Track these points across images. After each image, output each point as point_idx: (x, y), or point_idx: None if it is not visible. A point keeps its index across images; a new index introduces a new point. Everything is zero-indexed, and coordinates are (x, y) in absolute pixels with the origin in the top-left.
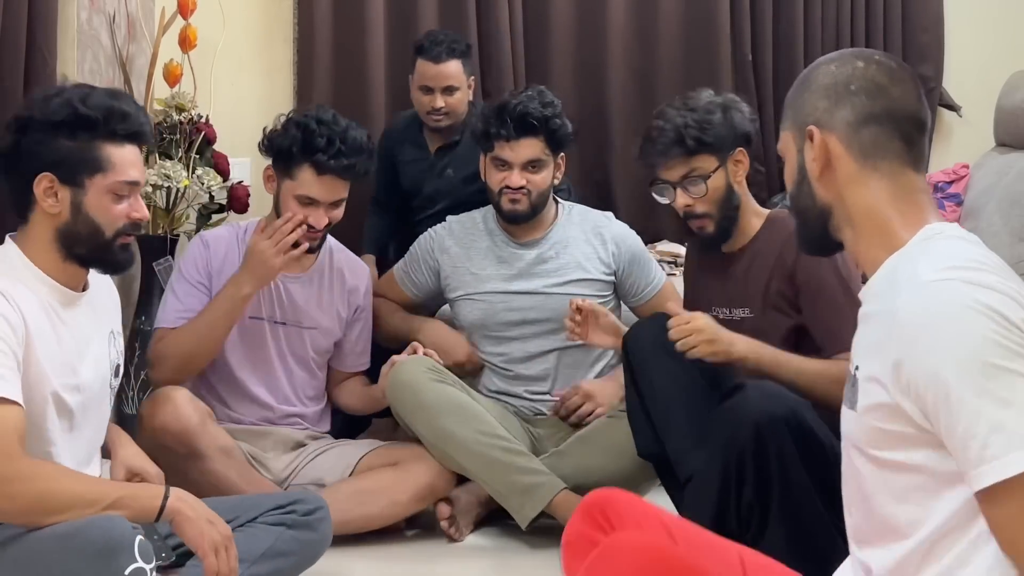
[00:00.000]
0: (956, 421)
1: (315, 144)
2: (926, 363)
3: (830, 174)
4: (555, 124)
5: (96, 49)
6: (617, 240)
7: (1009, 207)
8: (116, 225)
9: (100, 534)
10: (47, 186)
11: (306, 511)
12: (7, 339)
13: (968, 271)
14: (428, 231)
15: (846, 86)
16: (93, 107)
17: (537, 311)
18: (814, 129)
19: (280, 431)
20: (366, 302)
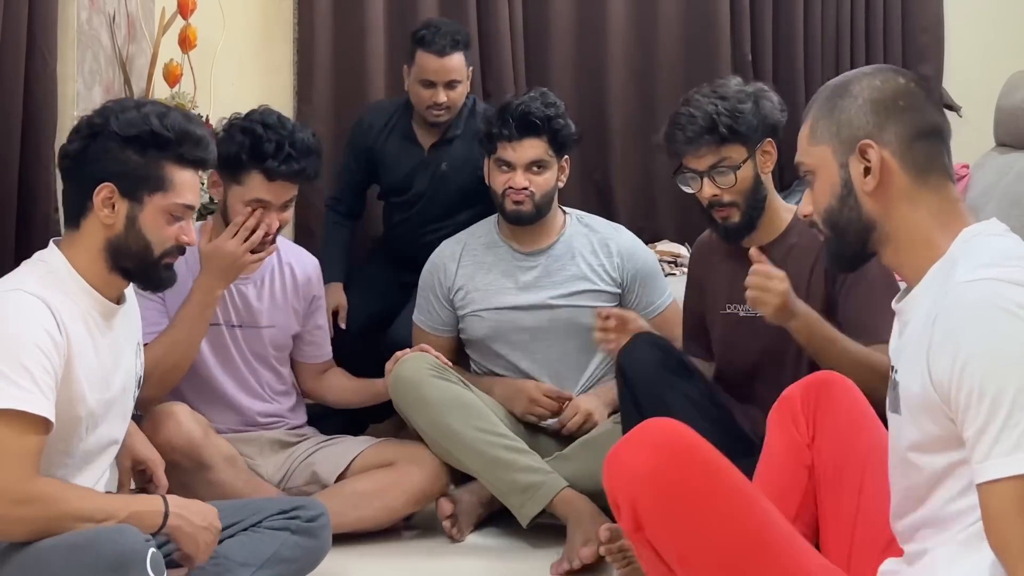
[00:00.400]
0: (976, 414)
1: (264, 150)
2: (957, 359)
3: (882, 189)
4: (558, 124)
5: (96, 49)
6: (624, 253)
7: (1009, 207)
8: (165, 245)
9: (112, 548)
10: (107, 196)
11: (309, 517)
12: (51, 357)
13: (1002, 268)
14: (426, 265)
15: (895, 101)
16: (169, 127)
17: (543, 323)
18: (870, 144)
19: (263, 434)
20: (319, 290)
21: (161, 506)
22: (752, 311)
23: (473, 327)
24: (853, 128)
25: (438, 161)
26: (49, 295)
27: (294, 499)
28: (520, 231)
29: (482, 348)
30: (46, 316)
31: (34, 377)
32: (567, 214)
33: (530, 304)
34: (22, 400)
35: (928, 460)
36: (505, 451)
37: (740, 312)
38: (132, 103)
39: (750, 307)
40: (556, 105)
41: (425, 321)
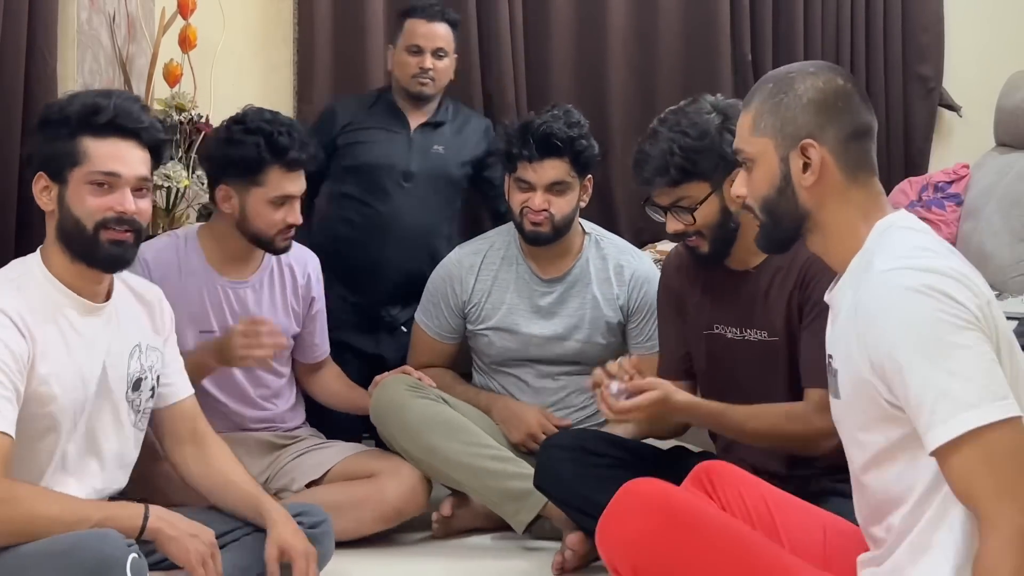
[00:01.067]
0: (911, 392)
1: (280, 143)
2: (883, 342)
3: (819, 185)
4: (580, 145)
5: (96, 49)
6: (637, 281)
7: (1009, 207)
8: (95, 217)
9: (92, 554)
10: (44, 185)
11: (312, 524)
12: (6, 369)
13: (915, 258)
14: (437, 270)
15: (834, 103)
16: (72, 102)
17: (553, 349)
18: (809, 143)
19: (252, 436)
20: (319, 290)
21: (140, 510)
22: (744, 335)
23: (483, 344)
24: (796, 126)
25: (428, 142)
26: (9, 299)
27: (296, 505)
28: (540, 251)
29: (489, 364)
30: (3, 324)
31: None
32: (587, 234)
33: (542, 332)
34: None
35: (872, 439)
36: (492, 461)
37: (728, 334)
38: (65, 96)
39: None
40: (580, 125)
41: (430, 326)
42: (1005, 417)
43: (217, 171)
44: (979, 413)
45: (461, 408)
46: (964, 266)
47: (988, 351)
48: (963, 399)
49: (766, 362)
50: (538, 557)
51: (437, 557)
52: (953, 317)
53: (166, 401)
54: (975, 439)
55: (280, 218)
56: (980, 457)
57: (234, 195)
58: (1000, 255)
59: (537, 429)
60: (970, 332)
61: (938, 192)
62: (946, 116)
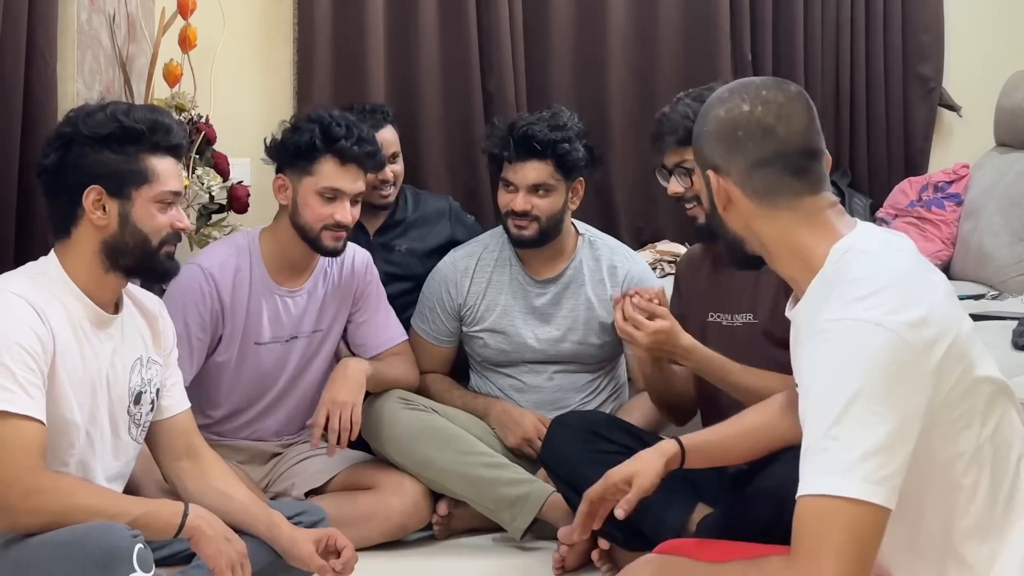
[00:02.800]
0: (807, 437)
1: (335, 132)
2: (809, 380)
3: (734, 211)
4: (563, 149)
5: (96, 49)
6: (631, 281)
7: (1009, 207)
8: (161, 234)
9: (98, 544)
10: (96, 199)
11: (310, 523)
12: (36, 356)
13: (864, 304)
14: (432, 274)
15: (734, 132)
16: (138, 120)
17: (548, 351)
18: (711, 174)
19: (256, 445)
20: (367, 281)
21: (180, 508)
22: (733, 320)
23: (478, 346)
24: (704, 156)
25: (390, 246)
26: (35, 295)
27: (295, 504)
28: (532, 252)
29: (485, 368)
30: (30, 314)
31: (16, 377)
32: (580, 235)
33: (536, 333)
34: (6, 400)
35: None
36: (485, 468)
37: (723, 322)
38: (95, 106)
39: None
40: (564, 128)
41: (426, 331)
42: (864, 499)
43: (276, 159)
44: (844, 483)
45: (452, 415)
46: (917, 298)
47: (893, 430)
48: (833, 463)
49: (751, 345)
50: (538, 557)
51: (437, 557)
52: (875, 387)
53: (163, 414)
54: (830, 502)
55: (327, 213)
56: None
57: (289, 185)
58: (1000, 255)
59: (533, 434)
60: (889, 402)
61: (938, 192)
62: (946, 116)
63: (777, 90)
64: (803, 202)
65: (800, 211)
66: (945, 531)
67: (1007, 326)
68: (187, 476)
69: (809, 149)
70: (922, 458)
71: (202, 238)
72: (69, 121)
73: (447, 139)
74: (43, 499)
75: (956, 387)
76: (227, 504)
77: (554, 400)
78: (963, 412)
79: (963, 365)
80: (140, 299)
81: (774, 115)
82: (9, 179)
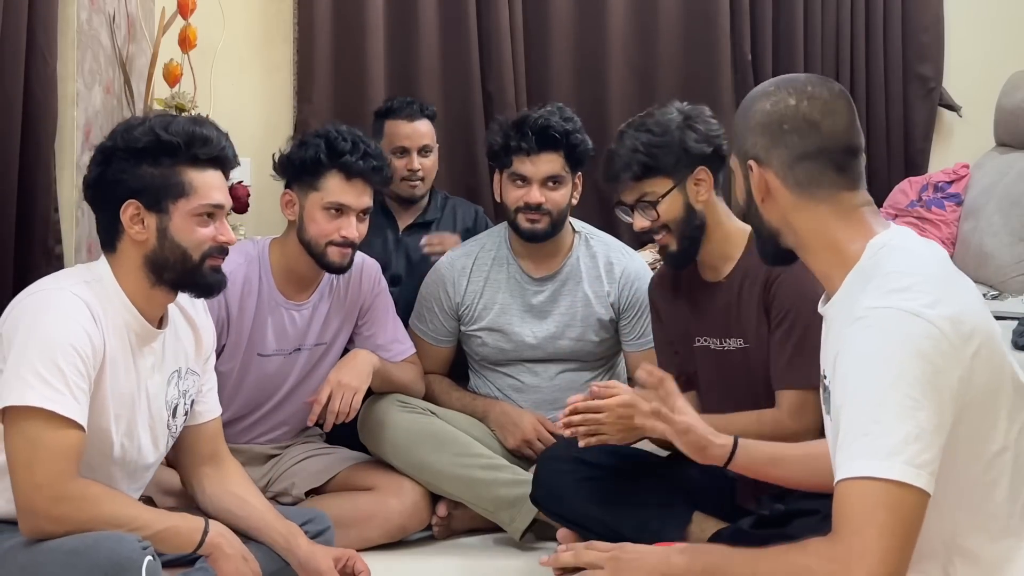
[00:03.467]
0: (846, 421)
1: (340, 147)
2: (848, 365)
3: (772, 203)
4: (576, 139)
5: (96, 49)
6: (627, 278)
7: (1009, 207)
8: (202, 248)
9: (107, 555)
10: (133, 213)
11: (316, 532)
12: (87, 361)
13: (903, 295)
14: (429, 275)
15: (780, 125)
16: (175, 133)
17: (546, 348)
18: (753, 164)
19: (253, 448)
20: (373, 292)
21: (201, 524)
22: (724, 345)
23: (476, 345)
24: (746, 147)
25: (417, 244)
26: (94, 300)
27: (303, 512)
28: (531, 249)
29: (484, 367)
30: (86, 317)
31: (67, 379)
32: (576, 233)
33: (534, 331)
34: (52, 400)
35: None
36: (483, 470)
37: (712, 346)
38: (138, 120)
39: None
40: (574, 120)
41: (425, 331)
42: (908, 482)
43: (284, 174)
44: (888, 465)
45: (451, 417)
46: (952, 296)
47: (931, 416)
48: (877, 447)
49: (745, 370)
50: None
51: (437, 557)
52: (913, 372)
53: (196, 420)
54: (873, 484)
55: (334, 228)
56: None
57: (296, 200)
58: (1000, 255)
59: (532, 435)
60: (926, 390)
61: (938, 192)
62: (946, 116)
63: (822, 86)
64: (841, 197)
65: (838, 205)
66: (955, 528)
67: (1007, 326)
68: (207, 480)
69: (851, 146)
70: (946, 453)
71: None
72: (111, 135)
73: (447, 139)
74: (69, 507)
75: (986, 386)
76: (244, 509)
77: (553, 400)
78: (989, 411)
79: (993, 365)
80: (185, 306)
81: (819, 110)
82: (9, 179)
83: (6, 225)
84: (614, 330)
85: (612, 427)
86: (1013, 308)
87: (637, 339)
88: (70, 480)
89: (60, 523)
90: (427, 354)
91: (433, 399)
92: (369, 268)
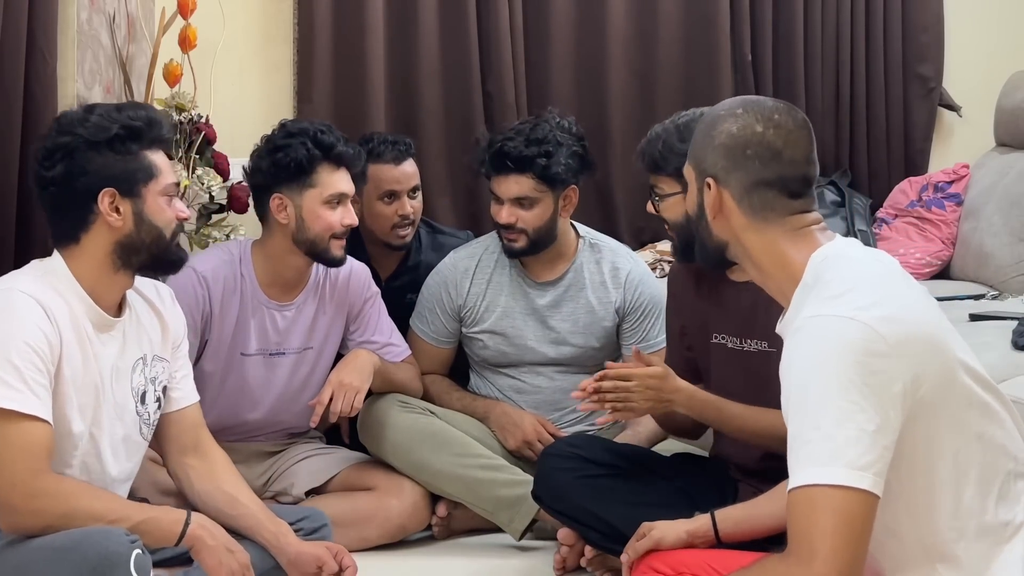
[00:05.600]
0: (790, 433)
1: (326, 141)
2: (787, 377)
3: (723, 220)
4: (539, 164)
5: (96, 49)
6: (631, 282)
7: (1009, 207)
8: (172, 226)
9: (95, 550)
10: (111, 201)
11: (312, 529)
12: (44, 356)
13: (838, 301)
14: (432, 275)
15: (743, 150)
16: (135, 118)
17: (548, 352)
18: (711, 182)
19: (251, 446)
20: (362, 295)
21: (182, 516)
22: (743, 345)
23: (477, 347)
24: (707, 165)
25: (401, 292)
26: (43, 294)
27: (298, 510)
28: (529, 257)
29: (484, 368)
30: (38, 313)
31: (23, 376)
32: (581, 238)
33: (536, 335)
34: (11, 399)
35: None
36: (482, 471)
37: (730, 344)
38: (82, 112)
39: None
40: (543, 141)
41: (426, 331)
42: (850, 484)
43: (269, 180)
44: (829, 471)
45: (451, 418)
46: (890, 297)
47: (872, 417)
48: (817, 454)
49: (765, 373)
50: (538, 557)
51: (437, 557)
52: (852, 373)
53: (172, 407)
54: (817, 491)
55: (337, 219)
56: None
57: (289, 202)
58: (1000, 255)
59: (533, 436)
60: (864, 391)
61: (938, 192)
62: (946, 116)
63: (788, 115)
64: (792, 219)
65: (787, 226)
66: (933, 532)
67: (1007, 326)
68: (195, 474)
69: (807, 176)
70: (908, 455)
71: (202, 238)
72: (64, 131)
73: (447, 140)
74: (45, 502)
75: (937, 384)
76: (235, 508)
77: (554, 401)
78: (945, 408)
79: (941, 363)
80: (147, 294)
81: (783, 140)
82: (9, 179)
83: (6, 225)
84: (616, 335)
85: (640, 396)
86: (1013, 308)
87: (639, 343)
88: (43, 475)
89: (38, 517)
90: (427, 355)
91: (433, 399)
92: (358, 273)
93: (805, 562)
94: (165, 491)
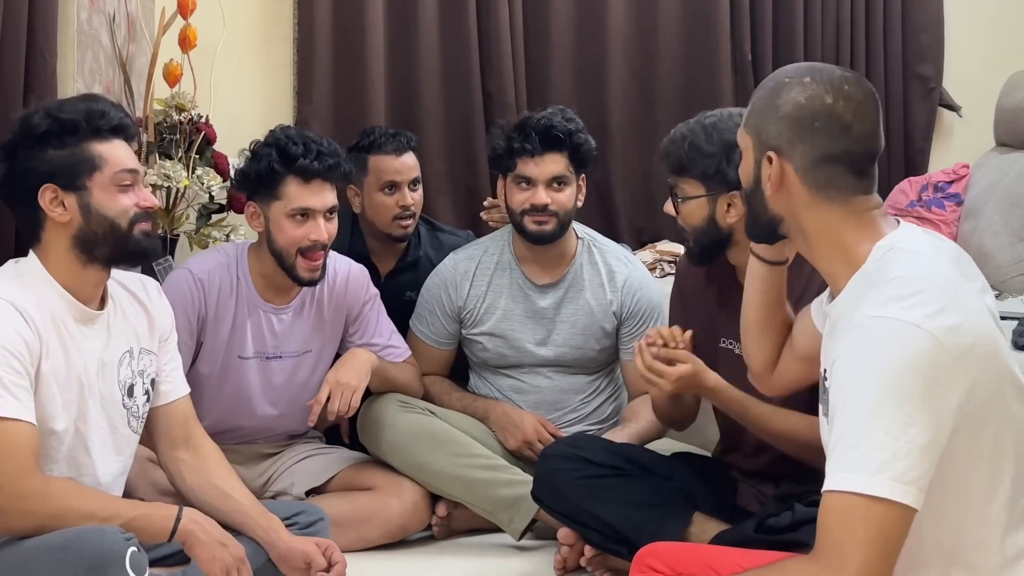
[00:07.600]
0: (837, 431)
1: (292, 152)
2: (843, 374)
3: (783, 194)
4: (579, 139)
5: (96, 49)
6: (629, 287)
7: (1009, 207)
8: (128, 215)
9: (91, 548)
10: (51, 197)
11: (307, 523)
12: (22, 359)
13: (904, 304)
14: (431, 276)
15: (811, 122)
16: (71, 111)
17: (548, 355)
18: (773, 155)
19: (250, 447)
20: (356, 301)
21: (173, 511)
22: None
23: (477, 349)
24: (769, 135)
25: (400, 289)
26: (19, 296)
27: (294, 504)
28: (535, 255)
29: (484, 368)
30: (15, 316)
31: (2, 380)
32: (580, 239)
33: (536, 337)
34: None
35: None
36: (481, 471)
37: (736, 349)
38: (31, 109)
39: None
40: (576, 120)
41: (425, 333)
42: (894, 499)
43: (244, 188)
44: (875, 482)
45: (451, 418)
46: (957, 303)
47: (924, 431)
48: (865, 461)
49: None
50: (538, 557)
51: (437, 557)
52: (910, 385)
53: (161, 400)
54: (857, 499)
55: (302, 234)
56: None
57: (260, 212)
58: (1000, 255)
59: (533, 436)
60: (921, 405)
61: (938, 192)
62: (946, 116)
63: (857, 86)
64: (855, 200)
65: (849, 207)
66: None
67: (1007, 326)
68: (186, 469)
69: (874, 153)
70: (944, 462)
71: (202, 238)
72: (10, 130)
73: (447, 140)
74: (35, 502)
75: (988, 394)
76: (227, 504)
77: (554, 401)
78: (989, 418)
79: (995, 372)
80: (132, 287)
81: (852, 113)
82: None
83: (6, 225)
84: (616, 337)
85: (669, 382)
86: (1013, 308)
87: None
88: (30, 476)
89: (29, 518)
90: (427, 356)
91: (433, 400)
92: (356, 275)
93: (835, 569)
94: (163, 491)
